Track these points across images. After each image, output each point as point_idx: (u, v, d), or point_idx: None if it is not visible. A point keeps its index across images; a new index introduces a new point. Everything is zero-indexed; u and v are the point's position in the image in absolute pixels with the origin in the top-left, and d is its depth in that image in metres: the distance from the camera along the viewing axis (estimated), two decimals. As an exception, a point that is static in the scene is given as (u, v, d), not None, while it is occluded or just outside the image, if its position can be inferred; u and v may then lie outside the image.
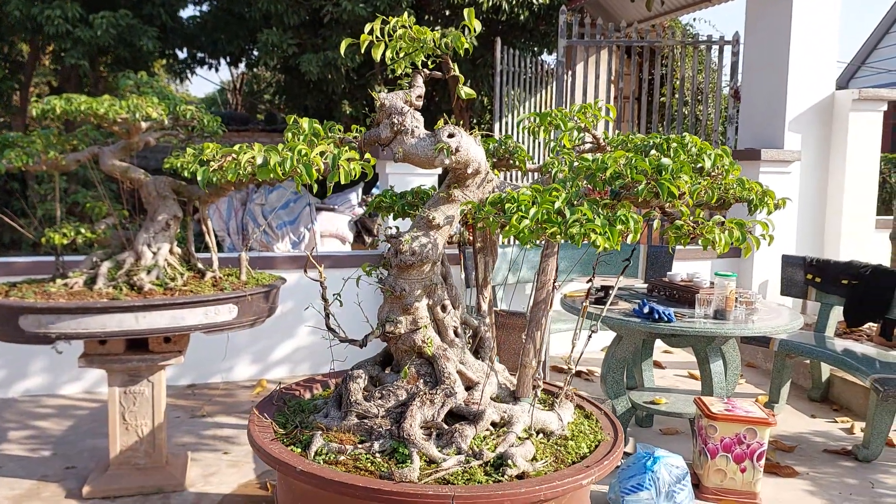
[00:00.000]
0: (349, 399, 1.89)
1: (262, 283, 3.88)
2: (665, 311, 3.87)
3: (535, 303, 1.95)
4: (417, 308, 1.92)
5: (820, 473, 3.98)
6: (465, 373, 1.96)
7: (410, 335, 1.92)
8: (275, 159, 1.56)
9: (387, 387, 1.92)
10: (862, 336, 5.62)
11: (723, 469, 3.67)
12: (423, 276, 1.92)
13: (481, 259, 2.16)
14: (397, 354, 2.02)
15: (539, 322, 1.93)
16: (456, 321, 2.02)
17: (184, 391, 5.00)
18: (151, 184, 3.80)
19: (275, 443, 1.78)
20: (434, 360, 1.94)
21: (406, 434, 1.75)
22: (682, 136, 1.89)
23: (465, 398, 1.91)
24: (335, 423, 1.87)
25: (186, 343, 3.84)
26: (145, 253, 3.71)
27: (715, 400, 3.86)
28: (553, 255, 1.94)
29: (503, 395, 2.03)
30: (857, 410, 4.83)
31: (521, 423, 1.89)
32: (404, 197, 2.18)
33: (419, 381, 1.92)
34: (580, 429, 1.99)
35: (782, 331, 3.85)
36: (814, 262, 5.05)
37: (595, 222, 1.54)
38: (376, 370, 2.05)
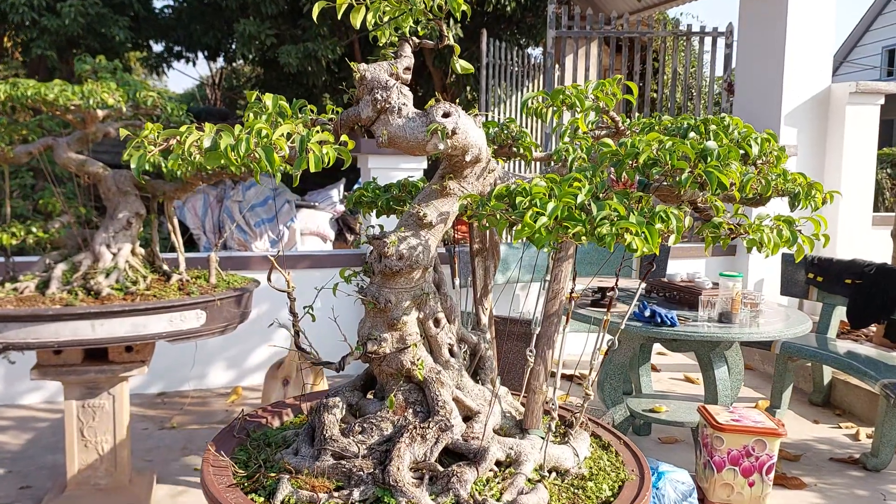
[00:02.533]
0: (323, 434, 1.54)
1: (233, 286, 3.53)
2: (668, 315, 3.56)
3: (547, 316, 1.61)
4: (405, 323, 1.57)
5: (828, 484, 3.72)
6: (462, 400, 1.62)
7: (397, 355, 1.57)
8: (227, 142, 1.21)
9: (369, 418, 1.57)
10: (861, 337, 5.36)
11: (730, 483, 3.37)
12: (412, 284, 1.57)
13: (480, 263, 1.81)
14: (382, 378, 1.67)
15: (551, 339, 1.60)
16: (451, 338, 1.67)
17: (153, 400, 4.63)
18: (111, 178, 3.42)
19: (232, 490, 1.42)
20: (426, 385, 1.59)
21: (393, 479, 1.40)
22: (720, 116, 1.55)
23: (463, 432, 1.57)
24: (307, 463, 1.51)
25: (151, 352, 3.47)
26: (104, 254, 3.34)
27: (720, 409, 3.56)
28: (568, 259, 1.60)
29: (508, 425, 1.69)
30: (860, 415, 4.57)
31: (530, 461, 1.55)
32: (389, 190, 1.83)
33: (408, 411, 1.57)
34: (599, 465, 1.66)
35: (790, 334, 3.56)
36: (815, 260, 4.77)
37: (630, 220, 1.20)
38: (356, 396, 1.70)
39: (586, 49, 6.61)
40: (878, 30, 18.18)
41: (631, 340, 3.82)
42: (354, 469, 1.46)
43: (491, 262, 1.82)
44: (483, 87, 6.56)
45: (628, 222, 1.20)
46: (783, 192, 1.73)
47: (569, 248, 1.60)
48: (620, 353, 3.84)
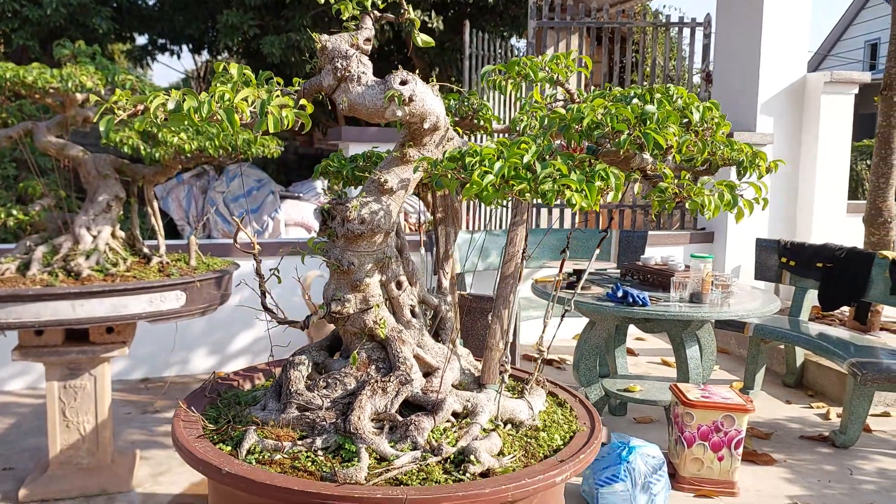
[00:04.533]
0: (289, 389, 1.62)
1: (213, 268, 3.60)
2: (639, 295, 3.66)
3: (503, 277, 1.70)
4: (368, 285, 1.66)
5: (797, 461, 3.83)
6: (423, 357, 1.70)
7: (360, 315, 1.65)
8: (190, 104, 1.28)
9: (333, 374, 1.65)
10: (835, 320, 5.49)
11: (700, 458, 3.48)
12: (374, 248, 1.66)
13: (442, 231, 1.90)
14: (346, 338, 1.75)
15: (507, 299, 1.69)
16: (413, 300, 1.76)
17: (136, 385, 4.69)
18: (91, 162, 3.49)
19: (201, 440, 1.51)
20: (388, 343, 1.68)
21: (353, 428, 1.49)
22: (665, 86, 1.65)
23: (423, 386, 1.65)
24: (273, 416, 1.60)
25: (131, 333, 3.53)
26: (84, 236, 3.41)
27: (691, 386, 3.67)
28: (522, 224, 1.69)
29: (467, 381, 1.78)
30: (832, 395, 4.69)
31: (486, 412, 1.64)
32: (355, 161, 1.91)
33: (370, 367, 1.65)
34: (553, 418, 1.75)
35: (759, 314, 3.67)
36: (788, 245, 4.89)
37: (570, 178, 1.29)
38: (322, 356, 1.78)
39: (567, 41, 6.71)
40: (860, 24, 18.40)
41: (605, 321, 3.91)
42: (318, 420, 1.55)
43: (452, 229, 1.91)
44: (466, 78, 6.64)
45: (569, 179, 1.29)
46: (730, 161, 1.83)
47: (523, 213, 1.69)
48: (595, 335, 3.94)
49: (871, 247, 5.23)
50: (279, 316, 1.68)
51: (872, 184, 5.26)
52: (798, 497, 3.44)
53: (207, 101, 1.29)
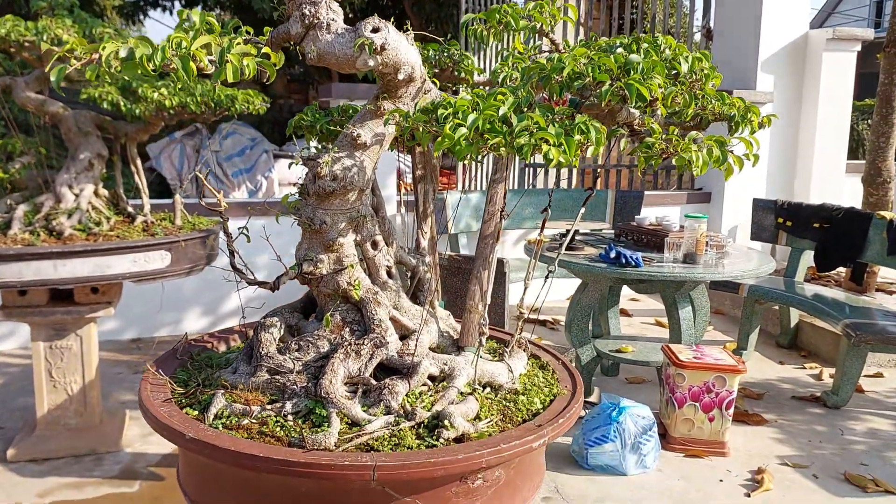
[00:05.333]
0: (259, 352, 1.56)
1: (199, 227, 3.53)
2: (632, 256, 3.59)
3: (482, 237, 1.63)
4: (342, 244, 1.58)
5: (788, 421, 3.81)
6: (399, 319, 1.64)
7: (334, 276, 1.58)
8: (142, 51, 1.20)
9: (306, 337, 1.59)
10: (831, 282, 5.44)
11: (690, 418, 3.45)
12: (347, 206, 1.58)
13: (421, 188, 1.82)
14: (320, 299, 1.69)
15: (486, 260, 1.62)
16: (389, 260, 1.69)
17: (128, 346, 4.66)
18: (71, 119, 3.39)
19: (168, 404, 1.45)
20: (362, 305, 1.61)
21: (324, 392, 1.44)
22: (653, 35, 1.55)
23: (398, 349, 1.60)
24: (243, 379, 1.54)
25: (117, 293, 3.48)
26: (66, 195, 3.33)
27: (683, 347, 3.63)
28: (502, 182, 1.61)
29: (445, 344, 1.72)
30: (825, 356, 4.66)
31: (463, 376, 1.59)
32: (329, 115, 1.82)
33: (344, 329, 1.59)
34: (534, 381, 1.69)
35: (753, 275, 3.61)
36: (785, 205, 4.81)
37: (548, 131, 1.20)
38: (295, 318, 1.72)
39: (565, -5, 6.51)
40: (867, -19, 17.98)
41: (598, 282, 3.85)
42: (288, 383, 1.49)
43: (430, 186, 1.83)
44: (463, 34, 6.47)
45: (546, 132, 1.21)
46: (721, 115, 1.74)
47: (503, 170, 1.61)
48: (588, 296, 3.88)
49: (869, 207, 5.15)
50: (248, 276, 1.61)
51: (872, 143, 5.15)
52: (788, 457, 3.42)
53: (161, 48, 1.20)
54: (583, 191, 5.33)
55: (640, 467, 3.25)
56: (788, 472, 3.29)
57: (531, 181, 6.48)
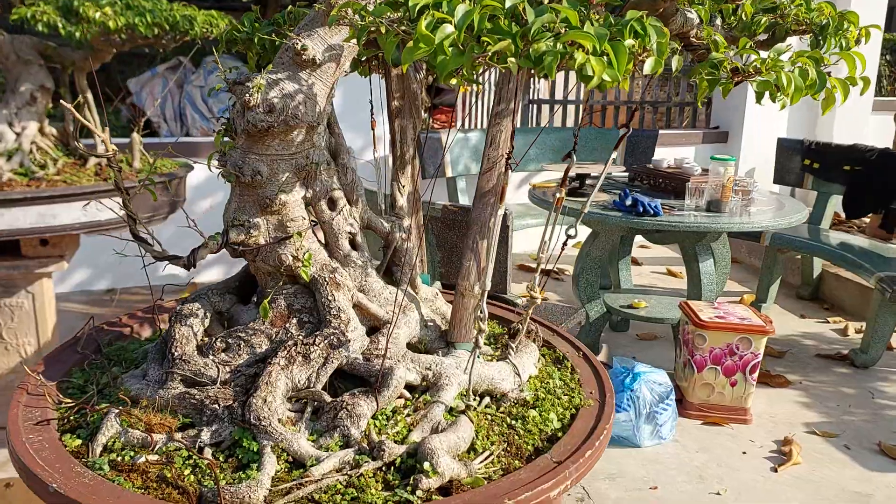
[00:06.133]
0: (172, 353, 1.10)
1: (160, 170, 3.05)
2: (651, 204, 3.11)
3: (480, 194, 1.15)
4: (285, 204, 1.10)
5: (814, 382, 3.41)
6: (366, 306, 1.17)
7: (275, 248, 1.11)
8: None
9: (237, 332, 1.12)
10: (853, 228, 4.95)
11: (710, 383, 3.04)
12: (291, 149, 1.09)
13: (397, 125, 1.32)
14: (259, 278, 1.21)
15: (485, 226, 1.14)
16: (353, 224, 1.21)
17: (101, 297, 4.23)
18: (8, 45, 2.85)
19: (41, 428, 1.00)
20: (315, 287, 1.14)
21: (256, 415, 0.98)
22: None
23: (364, 348, 1.13)
24: (149, 391, 1.08)
25: (71, 245, 3.01)
26: (5, 133, 2.85)
27: (704, 305, 3.17)
28: (508, 116, 1.12)
29: (430, 338, 1.25)
30: (849, 310, 4.23)
31: (453, 385, 1.13)
32: (274, 23, 1.31)
33: (290, 321, 1.13)
34: (548, 386, 1.24)
35: (786, 224, 3.14)
36: (813, 145, 4.28)
37: (584, 32, 0.71)
38: (227, 302, 1.25)
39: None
40: None
41: (610, 232, 3.38)
42: (208, 400, 1.04)
43: (409, 122, 1.33)
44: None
45: (582, 33, 0.71)
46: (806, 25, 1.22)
47: (510, 99, 1.12)
48: (598, 246, 3.42)
49: (902, 148, 4.61)
50: (155, 248, 1.14)
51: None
52: (816, 424, 3.03)
53: None
54: (596, 130, 4.78)
55: (655, 438, 2.85)
56: (817, 442, 2.91)
57: (533, 119, 5.92)
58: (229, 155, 1.10)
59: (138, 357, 1.27)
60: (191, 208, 4.33)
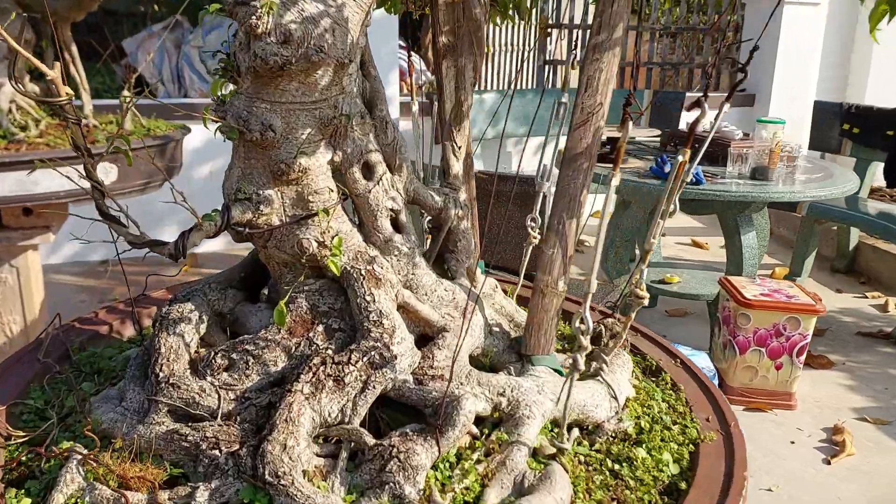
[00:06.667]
0: (157, 373, 0.79)
1: (154, 133, 2.74)
2: (693, 171, 2.76)
3: (569, 158, 0.83)
4: (306, 170, 0.79)
5: (858, 363, 3.14)
6: (415, 309, 0.86)
7: (293, 230, 0.79)
8: None
9: (243, 344, 0.81)
10: (885, 196, 4.63)
11: (753, 366, 2.77)
12: (313, 95, 0.77)
13: (450, 66, 0.99)
14: (273, 269, 0.90)
15: (574, 201, 0.83)
16: (397, 198, 0.89)
17: (95, 269, 3.92)
18: (-20, -10, 2.49)
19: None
20: (347, 283, 0.83)
21: (272, 469, 0.67)
22: None
23: (414, 365, 0.82)
24: (126, 424, 0.78)
25: (58, 215, 2.70)
26: (-20, 91, 2.52)
27: (746, 281, 2.87)
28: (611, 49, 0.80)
29: (497, 349, 0.94)
30: (887, 283, 3.94)
31: (536, 417, 0.82)
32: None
33: (315, 329, 0.82)
34: (651, 411, 0.93)
35: (839, 193, 2.85)
36: (853, 109, 3.94)
37: None
38: (230, 300, 0.94)
39: None
40: None
41: (643, 202, 3.06)
42: (204, 444, 0.73)
43: (468, 60, 1.00)
44: None
45: None
46: None
47: (614, 25, 0.79)
48: (629, 218, 3.11)
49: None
50: (131, 231, 0.82)
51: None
52: (864, 410, 2.76)
53: None
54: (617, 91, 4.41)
55: (697, 427, 2.55)
56: (869, 430, 2.64)
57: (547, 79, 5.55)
58: (230, 104, 0.78)
59: (117, 366, 0.97)
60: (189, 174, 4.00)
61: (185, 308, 0.88)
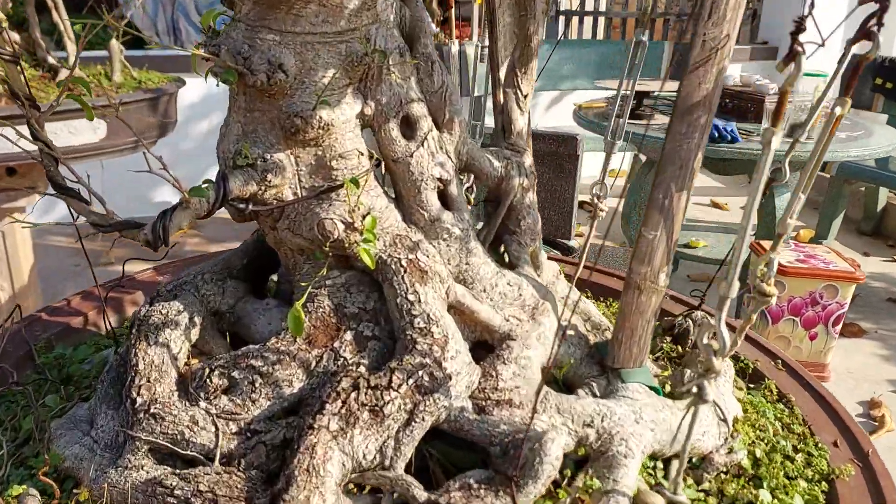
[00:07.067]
0: (132, 401, 0.58)
1: (146, 86, 2.51)
2: (727, 128, 2.55)
3: (682, 111, 0.61)
4: (329, 126, 0.56)
5: (890, 331, 2.98)
6: (471, 310, 0.65)
7: (312, 208, 0.57)
8: None
9: (249, 357, 0.60)
10: (912, 155, 4.39)
11: (787, 336, 2.59)
12: (338, 24, 0.54)
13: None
14: (285, 258, 0.68)
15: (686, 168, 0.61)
16: (446, 164, 0.66)
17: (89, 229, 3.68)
18: (-52, -75, 2.22)
19: None
20: (384, 275, 0.61)
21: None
22: None
23: (473, 386, 0.61)
24: (94, 466, 0.57)
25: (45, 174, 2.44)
26: (-48, 39, 2.24)
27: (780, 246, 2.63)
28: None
29: (574, 357, 0.73)
30: (917, 246, 3.73)
31: (636, 455, 0.61)
32: None
33: (342, 337, 0.60)
34: (766, 435, 0.72)
35: (884, 151, 2.61)
36: (886, 62, 3.68)
37: None
38: (229, 295, 0.71)
39: None
40: None
41: (671, 160, 2.80)
42: (197, 500, 0.53)
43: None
44: None
45: None
46: None
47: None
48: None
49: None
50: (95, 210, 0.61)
51: None
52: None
53: None
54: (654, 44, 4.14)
55: (728, 402, 2.38)
56: (907, 403, 2.46)
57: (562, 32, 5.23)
58: (225, 36, 0.56)
59: (92, 370, 0.76)
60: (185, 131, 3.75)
61: (170, 308, 0.67)
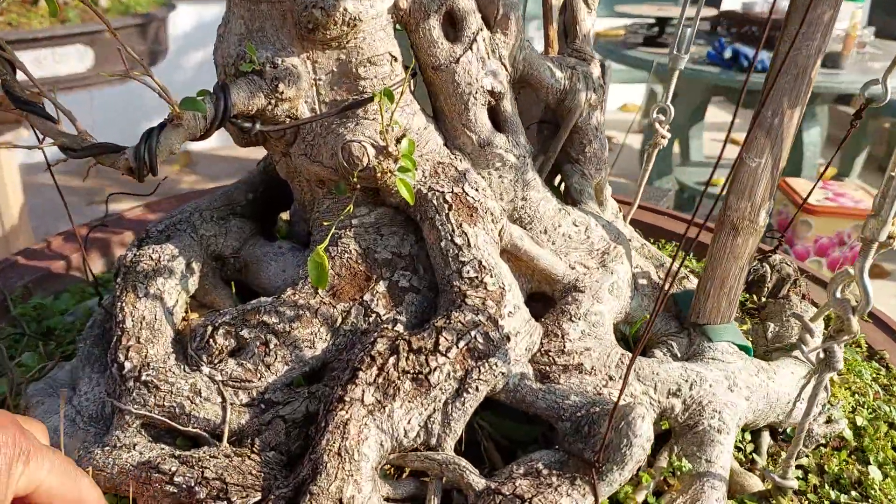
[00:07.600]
0: (120, 366, 0.48)
1: (134, 10, 2.37)
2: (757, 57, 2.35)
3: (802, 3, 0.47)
4: (354, 22, 0.42)
5: (914, 273, 2.87)
6: (530, 256, 0.52)
7: (335, 129, 0.44)
8: None
9: (260, 312, 0.48)
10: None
11: (810, 278, 2.44)
12: None
13: None
14: (299, 191, 0.55)
15: (801, 82, 0.49)
16: (499, 73, 0.53)
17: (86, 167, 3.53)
18: None
19: None
20: (423, 213, 0.49)
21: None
22: None
23: (534, 348, 0.49)
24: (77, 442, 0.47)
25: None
26: (-79, -44, 2.09)
27: (807, 184, 2.53)
28: None
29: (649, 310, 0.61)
30: (940, 184, 3.58)
31: (731, 429, 0.50)
32: None
33: (374, 288, 0.48)
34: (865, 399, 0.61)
35: (923, 85, 2.39)
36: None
37: None
38: (234, 236, 0.59)
39: None
40: None
41: (694, 94, 2.67)
42: (204, 493, 0.42)
43: None
44: None
45: None
46: None
47: None
48: (677, 110, 2.70)
49: None
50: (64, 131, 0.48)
51: None
52: (925, 325, 2.48)
53: None
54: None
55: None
56: (931, 346, 2.37)
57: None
58: None
59: (76, 324, 0.65)
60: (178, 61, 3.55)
61: (163, 252, 0.54)
